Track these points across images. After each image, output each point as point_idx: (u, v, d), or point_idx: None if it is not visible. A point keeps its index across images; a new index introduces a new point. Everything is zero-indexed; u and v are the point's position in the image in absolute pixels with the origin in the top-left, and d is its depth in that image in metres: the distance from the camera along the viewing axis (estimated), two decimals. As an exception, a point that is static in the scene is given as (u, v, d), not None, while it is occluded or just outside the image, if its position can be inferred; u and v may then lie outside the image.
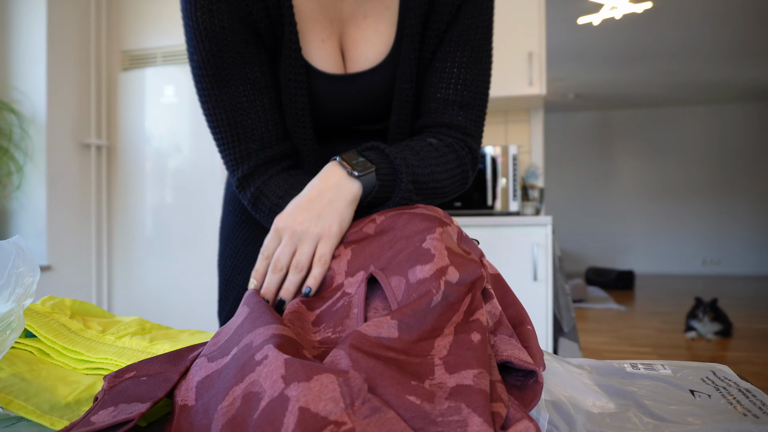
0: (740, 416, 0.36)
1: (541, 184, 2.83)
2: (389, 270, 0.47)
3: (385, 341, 0.36)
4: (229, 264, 0.80)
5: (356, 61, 0.69)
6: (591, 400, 0.40)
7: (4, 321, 0.40)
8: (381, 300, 0.46)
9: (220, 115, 0.64)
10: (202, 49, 0.62)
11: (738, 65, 5.40)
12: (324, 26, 0.67)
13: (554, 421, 0.35)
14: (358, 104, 0.70)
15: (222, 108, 0.64)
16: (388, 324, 0.37)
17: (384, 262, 0.48)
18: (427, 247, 0.45)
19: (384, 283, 0.45)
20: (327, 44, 0.68)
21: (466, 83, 0.68)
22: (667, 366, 0.47)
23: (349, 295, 0.48)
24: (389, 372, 0.32)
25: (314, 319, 0.47)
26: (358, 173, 0.57)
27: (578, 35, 4.47)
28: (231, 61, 0.63)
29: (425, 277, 0.42)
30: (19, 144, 2.28)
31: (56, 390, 0.40)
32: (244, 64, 0.64)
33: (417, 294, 0.41)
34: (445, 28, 0.68)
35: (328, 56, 0.68)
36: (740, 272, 7.14)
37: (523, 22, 2.51)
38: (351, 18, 0.68)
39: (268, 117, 0.66)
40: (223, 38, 0.62)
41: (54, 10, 2.33)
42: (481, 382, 0.32)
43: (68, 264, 2.42)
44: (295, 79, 0.66)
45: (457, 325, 0.38)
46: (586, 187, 7.63)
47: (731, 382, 0.43)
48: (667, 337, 3.69)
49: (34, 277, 0.44)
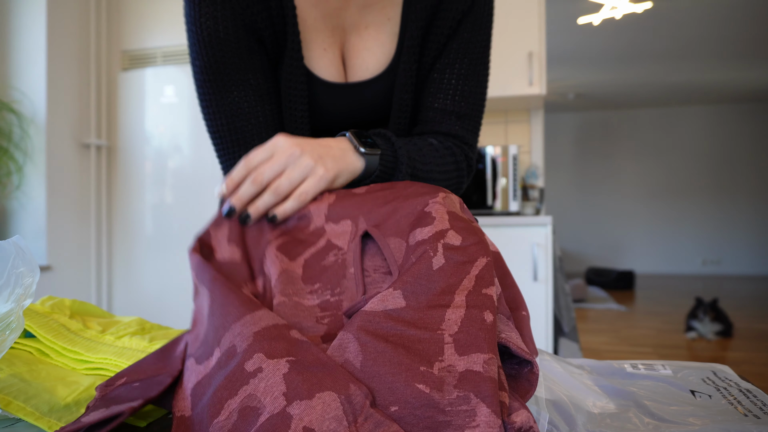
0: (741, 416, 0.36)
1: (541, 184, 2.83)
2: (385, 229, 0.45)
3: (393, 313, 0.36)
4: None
5: (357, 70, 0.70)
6: (591, 400, 0.40)
7: (4, 321, 0.40)
8: (376, 257, 0.44)
9: (221, 120, 0.64)
10: (204, 55, 0.62)
11: (738, 66, 5.40)
12: (326, 35, 0.68)
13: (554, 421, 0.35)
14: (357, 112, 0.71)
15: (222, 113, 0.64)
16: (393, 296, 0.37)
17: (378, 219, 0.46)
18: (429, 210, 0.44)
19: (382, 244, 0.44)
20: (329, 53, 0.68)
21: (464, 94, 0.69)
22: (667, 366, 0.47)
23: (341, 250, 0.46)
24: (398, 357, 0.32)
25: (303, 274, 0.45)
26: (364, 150, 0.57)
27: (578, 35, 4.47)
28: (233, 68, 0.63)
29: (423, 238, 0.41)
30: (19, 144, 2.28)
31: (56, 391, 0.40)
32: (247, 71, 0.64)
33: (415, 257, 0.40)
34: (445, 41, 0.69)
35: (330, 65, 0.68)
36: (740, 272, 7.14)
37: (523, 22, 2.51)
38: (353, 28, 0.69)
39: (269, 123, 0.66)
40: (226, 45, 0.62)
41: (54, 10, 2.33)
42: (490, 369, 0.31)
43: (68, 264, 2.42)
44: (296, 87, 0.66)
45: (469, 293, 0.36)
46: (586, 187, 7.63)
47: (732, 382, 0.43)
48: (667, 337, 3.69)
49: (33, 277, 0.43)
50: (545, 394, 0.39)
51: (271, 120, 0.66)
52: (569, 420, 0.36)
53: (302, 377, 0.32)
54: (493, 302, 0.36)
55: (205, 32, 0.61)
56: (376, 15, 0.69)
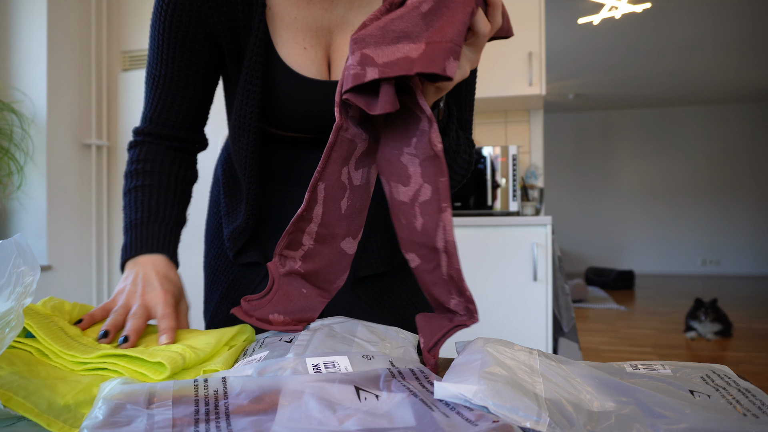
0: (740, 416, 0.37)
1: (541, 184, 2.83)
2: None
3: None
4: (213, 265, 0.82)
5: (340, 69, 0.71)
6: (591, 400, 0.40)
7: (3, 319, 0.40)
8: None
9: (163, 71, 0.70)
10: (157, 31, 0.68)
11: (738, 65, 5.40)
12: (308, 35, 0.69)
13: (554, 421, 0.35)
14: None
15: (170, 67, 0.69)
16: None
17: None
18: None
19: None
20: (310, 52, 0.70)
21: (455, 97, 0.71)
22: (666, 366, 0.47)
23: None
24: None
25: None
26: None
27: (578, 35, 4.48)
28: (174, 51, 0.68)
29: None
30: (19, 144, 2.28)
31: (56, 388, 0.40)
32: (183, 59, 0.69)
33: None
34: None
35: (310, 63, 0.70)
36: (740, 272, 7.15)
37: (523, 22, 2.52)
38: (338, 28, 0.70)
39: (199, 100, 0.72)
40: (174, 31, 0.67)
41: (54, 11, 2.33)
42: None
43: (68, 264, 2.43)
44: (251, 81, 0.68)
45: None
46: (586, 187, 7.64)
47: (731, 381, 0.43)
48: (666, 337, 3.69)
49: (34, 275, 0.44)
50: (545, 394, 0.39)
51: (200, 99, 0.73)
52: (569, 420, 0.36)
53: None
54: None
55: (166, 12, 0.67)
56: (362, 17, 0.70)
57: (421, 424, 0.35)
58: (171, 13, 0.66)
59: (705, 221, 7.24)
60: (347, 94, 0.47)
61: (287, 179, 0.76)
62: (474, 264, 2.27)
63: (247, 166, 0.71)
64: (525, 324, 2.22)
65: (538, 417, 0.35)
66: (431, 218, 0.50)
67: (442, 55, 0.44)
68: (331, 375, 0.40)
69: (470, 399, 0.37)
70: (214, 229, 0.83)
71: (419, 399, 0.38)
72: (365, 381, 0.40)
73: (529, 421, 0.35)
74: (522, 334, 2.22)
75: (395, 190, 0.53)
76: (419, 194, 0.51)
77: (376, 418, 0.35)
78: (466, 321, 0.50)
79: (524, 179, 2.83)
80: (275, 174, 0.77)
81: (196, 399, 0.36)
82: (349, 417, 0.35)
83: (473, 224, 2.27)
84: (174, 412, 0.34)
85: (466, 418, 0.35)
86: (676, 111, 7.30)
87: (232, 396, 0.36)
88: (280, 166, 0.76)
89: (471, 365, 0.42)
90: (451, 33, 0.45)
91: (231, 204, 0.78)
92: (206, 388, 0.37)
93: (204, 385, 0.38)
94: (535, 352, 0.47)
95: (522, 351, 0.47)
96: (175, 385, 0.37)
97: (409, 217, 0.52)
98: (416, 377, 0.43)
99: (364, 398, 0.37)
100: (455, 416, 0.35)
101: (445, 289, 0.52)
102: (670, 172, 7.32)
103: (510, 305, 2.24)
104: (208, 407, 0.35)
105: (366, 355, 0.47)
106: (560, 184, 7.70)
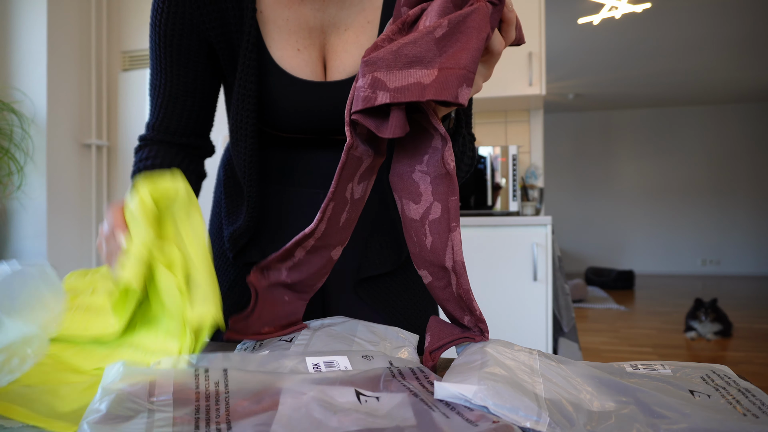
0: (740, 416, 0.37)
1: (541, 184, 2.83)
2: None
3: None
4: (214, 265, 0.82)
5: (335, 70, 0.71)
6: (591, 400, 0.40)
7: (24, 344, 0.40)
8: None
9: (164, 78, 0.70)
10: (154, 40, 0.69)
11: (738, 65, 5.40)
12: (301, 36, 0.69)
13: (554, 421, 0.35)
14: (333, 112, 0.71)
15: (170, 75, 0.70)
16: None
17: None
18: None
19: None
20: (303, 53, 0.70)
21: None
22: (666, 366, 0.47)
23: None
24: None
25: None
26: None
27: (578, 35, 4.48)
28: (171, 61, 0.69)
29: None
30: (19, 144, 2.28)
31: (58, 392, 0.40)
32: (181, 67, 0.70)
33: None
34: None
35: (304, 65, 0.69)
36: (739, 272, 7.15)
37: (523, 22, 2.51)
38: (332, 30, 0.70)
39: (200, 107, 0.73)
40: (169, 40, 0.68)
41: (54, 11, 2.33)
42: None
43: (68, 264, 2.42)
44: (246, 85, 0.67)
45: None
46: (586, 187, 7.64)
47: (731, 381, 0.43)
48: (666, 337, 3.69)
49: (58, 304, 0.43)
50: (545, 394, 0.39)
51: (201, 107, 0.73)
52: (569, 420, 0.36)
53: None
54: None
55: (160, 22, 0.68)
56: (356, 18, 0.70)
57: (421, 424, 0.35)
58: (165, 22, 0.67)
59: (705, 221, 7.23)
60: (356, 114, 0.47)
61: (287, 180, 0.76)
62: (474, 264, 2.27)
63: (247, 168, 0.71)
64: (525, 324, 2.22)
65: (538, 417, 0.35)
66: (440, 237, 0.50)
67: (455, 83, 0.44)
68: (331, 375, 0.40)
69: (470, 399, 0.37)
70: (216, 230, 0.83)
71: (419, 399, 0.38)
72: (365, 381, 0.40)
73: (529, 421, 0.35)
74: (522, 334, 2.22)
75: (407, 207, 0.53)
76: (429, 212, 0.51)
77: (376, 418, 0.35)
78: (476, 336, 0.51)
79: (524, 179, 2.83)
80: (275, 175, 0.77)
81: (197, 392, 0.36)
82: (349, 417, 0.35)
83: (473, 224, 2.27)
84: (174, 411, 0.34)
85: (466, 419, 0.35)
86: (676, 111, 7.30)
87: (233, 393, 0.36)
88: (280, 167, 0.76)
89: (471, 365, 0.42)
90: (465, 59, 0.44)
91: (232, 205, 0.78)
92: (207, 378, 0.37)
93: (205, 375, 0.38)
94: (535, 353, 0.47)
95: (522, 351, 0.47)
96: (176, 374, 0.37)
97: (419, 234, 0.52)
98: (416, 377, 0.43)
99: (365, 401, 0.37)
100: (455, 417, 0.35)
101: (458, 307, 0.52)
102: (671, 172, 7.32)
103: (510, 305, 2.24)
104: (209, 404, 0.35)
105: (366, 355, 0.47)
106: (560, 184, 7.70)
